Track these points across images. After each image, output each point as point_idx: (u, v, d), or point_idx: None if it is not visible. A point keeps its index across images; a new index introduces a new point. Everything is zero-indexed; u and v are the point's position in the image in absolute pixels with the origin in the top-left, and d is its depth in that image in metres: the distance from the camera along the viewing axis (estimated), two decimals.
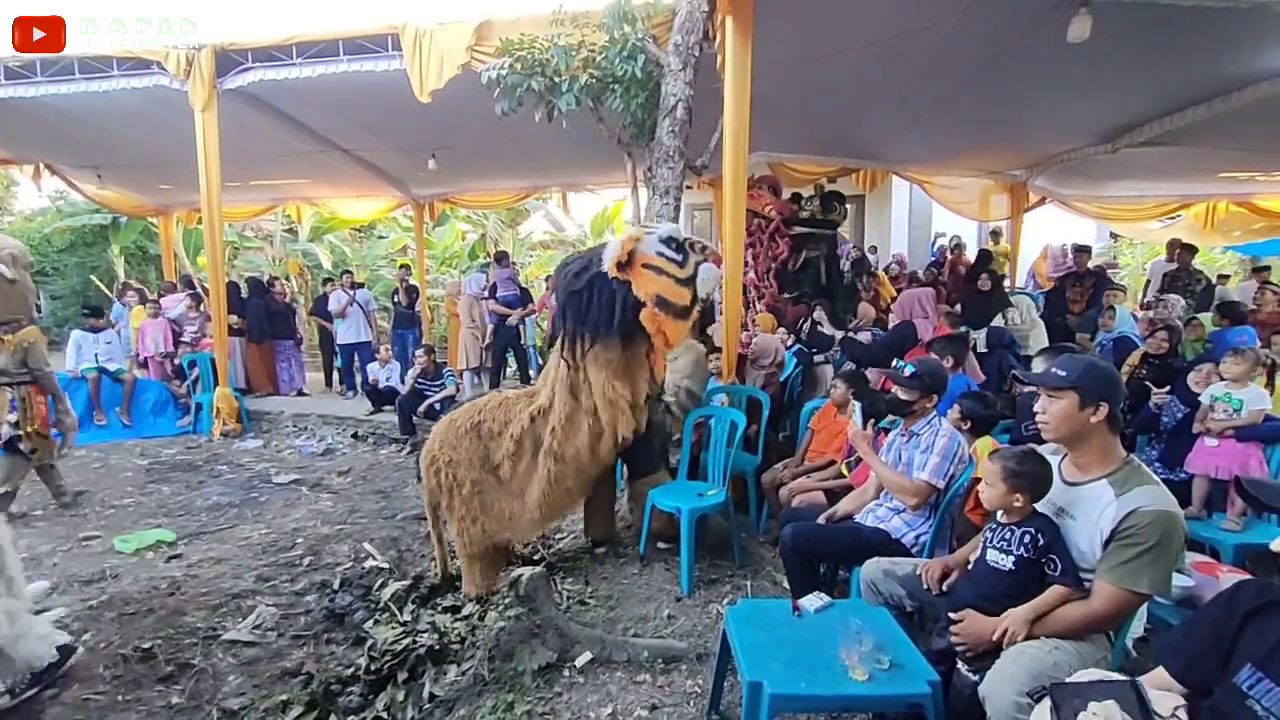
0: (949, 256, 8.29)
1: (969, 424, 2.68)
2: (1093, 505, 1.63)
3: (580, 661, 2.33)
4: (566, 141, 6.58)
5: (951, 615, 1.72)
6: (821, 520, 2.54)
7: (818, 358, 5.45)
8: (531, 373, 7.43)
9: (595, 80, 4.12)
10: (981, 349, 4.44)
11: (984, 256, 7.24)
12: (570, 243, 14.90)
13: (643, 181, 4.54)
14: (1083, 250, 6.77)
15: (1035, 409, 1.71)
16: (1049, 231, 9.61)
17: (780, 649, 1.74)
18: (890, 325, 5.39)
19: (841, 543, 2.42)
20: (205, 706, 2.30)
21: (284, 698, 2.37)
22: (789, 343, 5.34)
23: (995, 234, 9.05)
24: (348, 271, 8.98)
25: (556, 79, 4.25)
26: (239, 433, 6.07)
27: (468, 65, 4.98)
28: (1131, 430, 3.55)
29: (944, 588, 1.94)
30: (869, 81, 5.53)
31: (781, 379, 4.41)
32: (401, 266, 8.51)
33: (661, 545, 3.22)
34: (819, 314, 5.60)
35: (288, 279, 10.40)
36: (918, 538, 2.35)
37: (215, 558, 3.26)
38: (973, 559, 1.85)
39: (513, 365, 7.54)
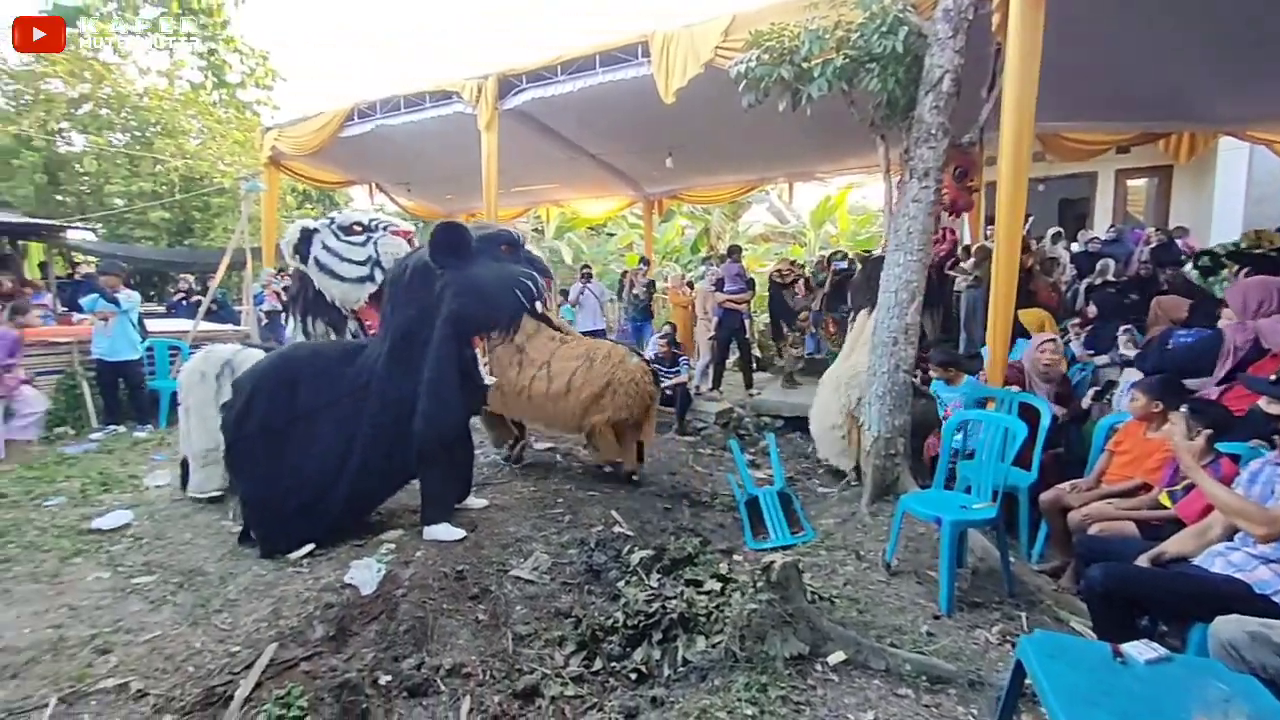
0: None
1: None
2: None
3: (833, 659, 2.28)
4: (801, 130, 6.41)
5: None
6: (1143, 561, 2.11)
7: (1099, 360, 4.58)
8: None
9: (850, 60, 3.93)
10: None
11: None
12: (790, 235, 14.56)
13: (897, 164, 4.22)
14: None
15: None
16: None
17: (1107, 700, 1.49)
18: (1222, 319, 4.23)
19: (1177, 591, 1.98)
20: (501, 627, 2.75)
21: (560, 634, 2.73)
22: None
23: None
24: (587, 266, 9.92)
25: (805, 65, 4.15)
26: None
27: (711, 62, 5.14)
28: None
29: None
30: (1188, 27, 4.40)
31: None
32: (642, 261, 9.11)
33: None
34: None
35: None
36: None
37: (499, 505, 3.87)
38: None
39: (732, 355, 7.64)
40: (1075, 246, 8.04)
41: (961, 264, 6.30)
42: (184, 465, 4.06)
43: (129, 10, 13.50)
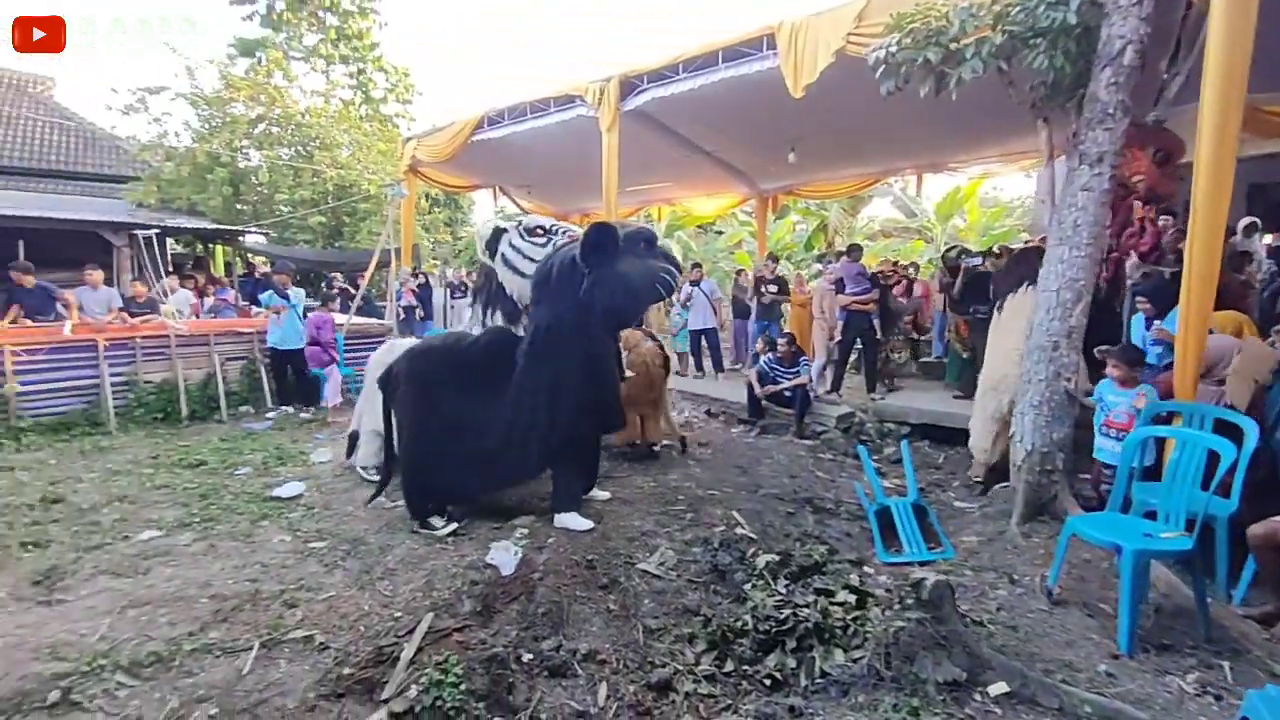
0: None
1: None
2: None
3: (994, 690, 2.10)
4: (936, 117, 5.98)
5: None
6: None
7: None
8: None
9: (1010, 37, 3.59)
10: None
11: None
12: (914, 229, 13.68)
13: (1061, 149, 3.82)
14: None
15: None
16: None
17: None
18: None
19: None
20: (631, 619, 2.80)
21: (689, 631, 2.73)
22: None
23: None
24: (697, 265, 9.88)
25: (954, 46, 3.85)
26: None
27: (843, 50, 4.91)
28: None
29: None
30: None
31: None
32: (770, 257, 8.93)
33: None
34: None
35: None
36: None
37: (621, 499, 3.94)
38: None
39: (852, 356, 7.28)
40: (1270, 239, 6.90)
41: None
42: (353, 438, 4.51)
43: (296, 40, 15.28)
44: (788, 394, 5.78)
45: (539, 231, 4.15)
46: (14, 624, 2.55)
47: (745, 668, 2.53)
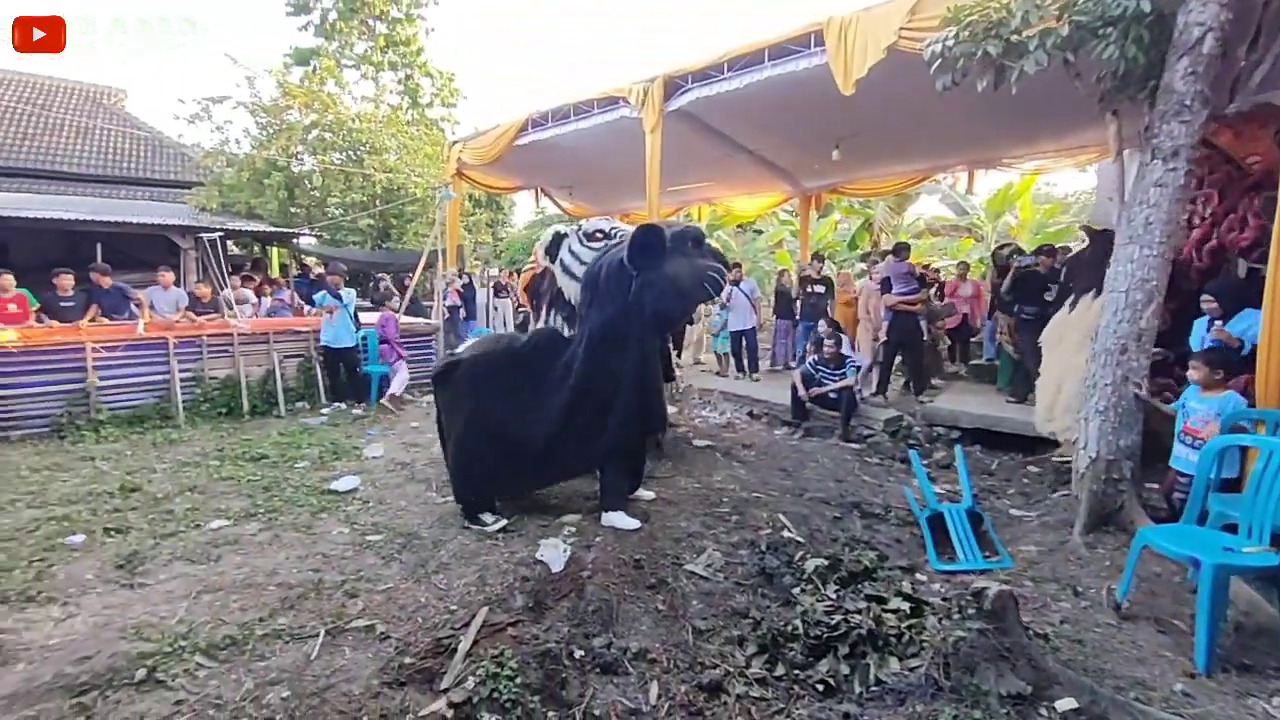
0: None
1: None
2: None
3: (1062, 706, 2.02)
4: (988, 112, 5.80)
5: None
6: None
7: None
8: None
9: (1078, 27, 3.45)
10: None
11: None
12: (963, 227, 13.26)
13: (1131, 143, 3.65)
14: None
15: None
16: None
17: None
18: None
19: None
20: (680, 619, 2.80)
21: (739, 634, 2.72)
22: None
23: None
24: (736, 265, 9.80)
25: (1016, 38, 3.72)
26: None
27: (894, 46, 4.81)
28: None
29: None
30: None
31: None
32: (815, 257, 8.82)
33: None
34: None
35: None
36: None
37: (666, 500, 3.96)
38: None
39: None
40: None
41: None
42: None
43: (347, 48, 15.80)
44: (833, 396, 5.69)
45: (598, 235, 4.19)
46: (102, 604, 2.73)
47: (797, 672, 2.50)
